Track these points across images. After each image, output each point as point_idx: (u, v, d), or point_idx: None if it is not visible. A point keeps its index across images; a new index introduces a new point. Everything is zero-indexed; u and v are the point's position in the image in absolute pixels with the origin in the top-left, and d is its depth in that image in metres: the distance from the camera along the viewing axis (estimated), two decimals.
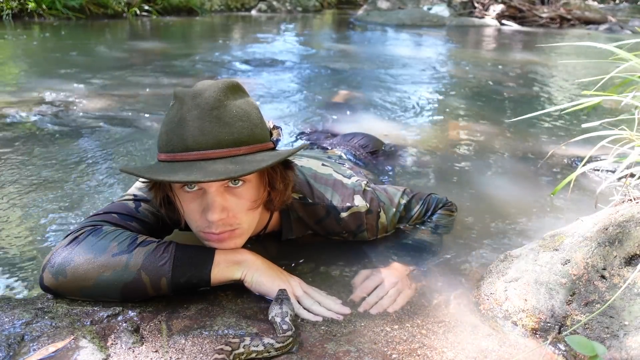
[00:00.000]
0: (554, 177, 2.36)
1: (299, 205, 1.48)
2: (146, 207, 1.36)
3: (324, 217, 1.49)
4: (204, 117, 1.15)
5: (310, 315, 1.25)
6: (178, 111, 1.17)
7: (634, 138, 1.46)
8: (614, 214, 1.27)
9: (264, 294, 1.29)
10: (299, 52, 6.92)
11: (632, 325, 1.07)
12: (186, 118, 1.15)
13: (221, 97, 1.18)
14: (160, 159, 1.19)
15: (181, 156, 1.14)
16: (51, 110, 3.34)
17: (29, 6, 8.29)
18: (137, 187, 1.41)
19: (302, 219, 1.50)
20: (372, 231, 1.56)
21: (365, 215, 1.51)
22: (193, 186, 1.19)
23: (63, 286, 1.19)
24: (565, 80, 5.12)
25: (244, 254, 1.30)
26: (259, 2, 12.84)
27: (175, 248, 1.23)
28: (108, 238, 1.21)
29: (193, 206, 1.22)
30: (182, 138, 1.14)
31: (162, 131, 1.20)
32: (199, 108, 1.15)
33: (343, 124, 3.14)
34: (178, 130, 1.15)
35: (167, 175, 1.10)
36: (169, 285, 1.21)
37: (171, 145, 1.15)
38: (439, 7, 11.81)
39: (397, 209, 1.61)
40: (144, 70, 4.84)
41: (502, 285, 1.32)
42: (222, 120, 1.15)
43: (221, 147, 1.14)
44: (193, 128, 1.14)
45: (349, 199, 1.50)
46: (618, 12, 14.76)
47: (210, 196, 1.17)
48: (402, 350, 1.14)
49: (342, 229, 1.52)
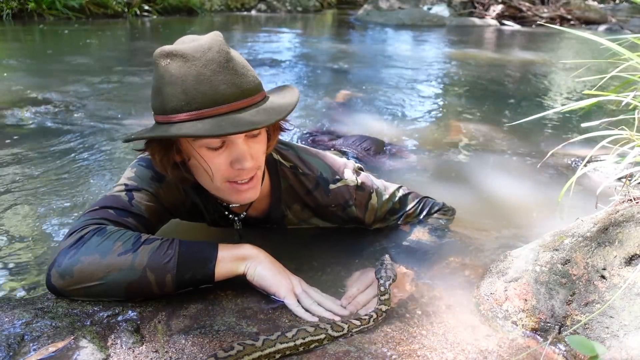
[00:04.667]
0: (554, 177, 2.36)
1: (290, 173, 1.51)
2: (139, 196, 1.37)
3: (313, 189, 1.52)
4: (224, 71, 1.17)
5: (308, 315, 1.25)
6: (189, 69, 1.16)
7: (634, 138, 1.46)
8: (614, 214, 1.27)
9: (265, 288, 1.29)
10: (299, 52, 6.92)
11: (632, 325, 1.07)
12: (205, 74, 1.16)
13: (227, 50, 1.21)
14: (182, 119, 1.17)
15: (210, 112, 1.16)
16: (51, 110, 3.33)
17: (29, 6, 8.29)
18: (127, 177, 1.41)
19: (292, 187, 1.53)
20: (361, 209, 1.59)
21: (355, 191, 1.55)
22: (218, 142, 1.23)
23: (69, 286, 1.20)
24: (566, 80, 5.12)
25: (247, 249, 1.31)
26: (258, 2, 12.84)
27: (179, 245, 1.24)
28: (113, 238, 1.22)
29: (219, 160, 1.25)
30: (209, 94, 1.16)
31: (171, 92, 1.17)
32: (214, 63, 1.17)
33: (345, 124, 3.14)
34: (200, 86, 1.16)
35: (221, 130, 1.14)
36: (173, 282, 1.22)
37: (196, 103, 1.16)
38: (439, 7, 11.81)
39: (391, 198, 1.64)
40: (143, 70, 4.83)
41: (502, 285, 1.32)
42: (238, 71, 1.20)
43: (245, 97, 1.20)
44: (217, 82, 1.16)
45: (338, 171, 1.54)
46: (618, 12, 14.76)
47: (240, 147, 1.23)
48: (402, 350, 1.14)
49: (331, 201, 1.54)
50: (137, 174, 1.42)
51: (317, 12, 13.77)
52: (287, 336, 1.11)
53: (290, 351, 1.11)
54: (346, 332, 1.17)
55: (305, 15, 12.87)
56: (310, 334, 1.13)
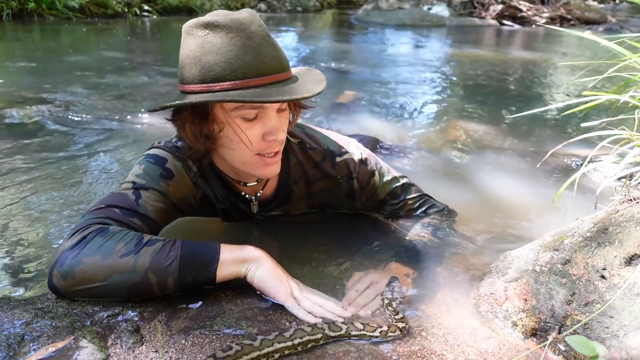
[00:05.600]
0: (554, 177, 2.36)
1: (298, 149, 1.56)
2: (147, 196, 1.36)
3: (321, 161, 1.58)
4: (267, 45, 1.24)
5: (310, 316, 1.24)
6: (233, 39, 1.22)
7: (634, 138, 1.45)
8: (614, 214, 1.27)
9: (264, 291, 1.29)
10: (299, 52, 6.92)
11: (632, 325, 1.07)
12: (250, 45, 1.22)
13: (265, 26, 1.27)
14: (225, 88, 1.21)
15: (255, 81, 1.21)
16: (51, 110, 3.33)
17: (29, 6, 8.29)
18: (135, 174, 1.40)
19: (300, 162, 1.57)
20: (362, 183, 1.62)
21: (359, 165, 1.59)
22: (254, 113, 1.27)
23: (71, 287, 1.20)
24: (565, 80, 5.12)
25: (250, 251, 1.31)
26: (258, 2, 12.83)
27: (181, 247, 1.24)
28: (115, 239, 1.21)
29: (253, 132, 1.30)
30: (255, 64, 1.21)
31: (213, 60, 1.22)
32: (258, 36, 1.23)
33: (344, 124, 3.14)
34: (245, 56, 1.21)
35: (270, 97, 1.19)
36: (175, 284, 1.22)
37: (241, 72, 1.21)
38: (439, 7, 11.81)
39: (393, 181, 1.67)
40: (143, 70, 4.84)
41: (502, 285, 1.32)
42: (276, 46, 1.27)
43: (284, 71, 1.26)
44: (262, 54, 1.22)
45: (344, 145, 1.60)
46: (618, 12, 14.76)
47: (274, 119, 1.30)
48: (402, 352, 1.14)
49: (337, 173, 1.59)
50: (146, 170, 1.41)
51: (317, 12, 13.77)
52: (284, 336, 1.12)
53: (288, 350, 1.11)
54: (344, 334, 1.17)
55: (305, 15, 12.87)
56: (308, 333, 1.13)
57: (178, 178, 1.43)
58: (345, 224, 1.73)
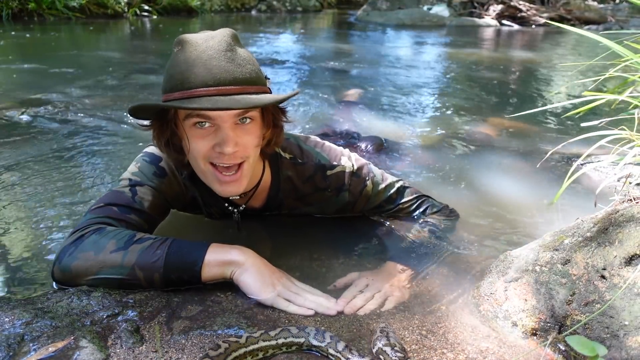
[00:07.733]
0: (554, 177, 2.36)
1: (289, 164, 1.58)
2: (142, 191, 1.45)
3: (312, 175, 1.59)
4: (220, 57, 1.25)
5: (303, 309, 1.26)
6: (190, 53, 1.25)
7: (634, 138, 1.45)
8: (614, 214, 1.27)
9: (248, 293, 1.30)
10: (299, 52, 6.92)
11: (632, 325, 1.07)
12: (202, 58, 1.24)
13: (231, 42, 1.29)
14: (176, 97, 1.25)
15: (199, 92, 1.23)
16: (50, 110, 3.33)
17: (29, 6, 8.29)
18: (131, 172, 1.49)
19: (291, 178, 1.59)
20: (355, 195, 1.63)
21: (350, 177, 1.60)
22: (204, 123, 1.28)
23: (70, 280, 1.29)
24: (565, 80, 5.12)
25: (235, 254, 1.32)
26: (259, 2, 12.84)
27: (169, 245, 1.29)
28: (108, 237, 1.30)
29: (204, 141, 1.31)
30: (200, 75, 1.23)
31: (173, 72, 1.27)
32: (213, 49, 1.25)
33: (344, 123, 3.14)
34: (195, 69, 1.24)
35: (192, 104, 1.19)
36: (161, 280, 1.28)
37: (188, 83, 1.24)
38: (438, 7, 11.81)
39: (388, 188, 1.68)
40: (143, 70, 4.84)
41: (502, 285, 1.32)
42: (235, 61, 1.27)
43: (236, 85, 1.25)
44: (211, 66, 1.24)
45: (336, 158, 1.61)
46: (618, 12, 14.76)
47: (225, 130, 1.28)
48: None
49: (328, 185, 1.61)
50: (141, 169, 1.50)
51: (317, 12, 13.77)
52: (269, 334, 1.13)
53: (272, 350, 1.12)
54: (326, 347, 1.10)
55: (305, 15, 12.88)
56: (293, 335, 1.14)
57: (170, 177, 1.51)
58: (345, 224, 1.73)
